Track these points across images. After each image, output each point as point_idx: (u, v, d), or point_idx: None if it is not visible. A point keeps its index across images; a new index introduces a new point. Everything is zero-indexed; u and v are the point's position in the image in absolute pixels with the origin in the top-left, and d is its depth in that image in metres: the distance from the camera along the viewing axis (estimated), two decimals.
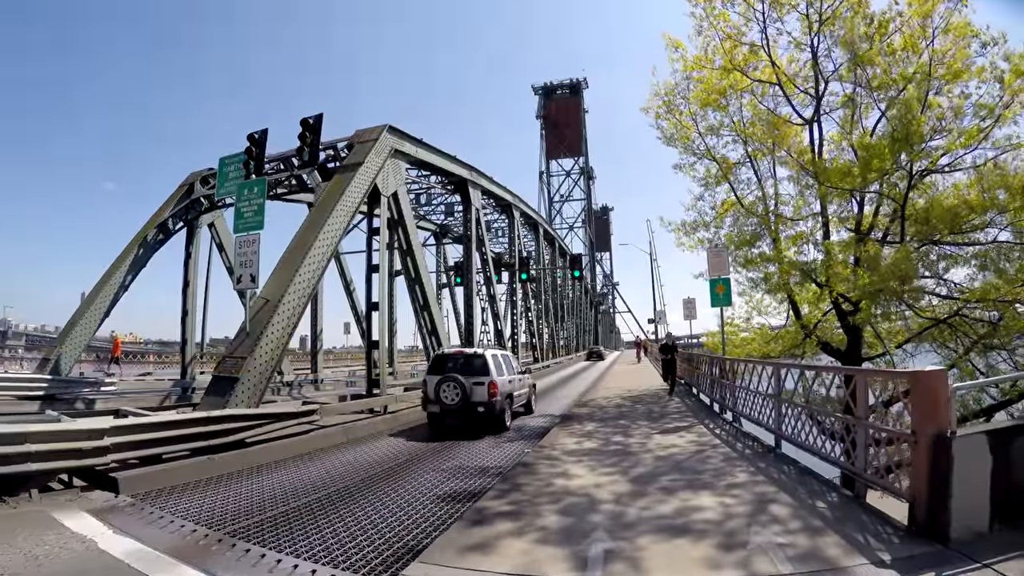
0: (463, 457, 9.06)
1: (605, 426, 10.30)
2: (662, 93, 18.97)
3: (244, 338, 11.65)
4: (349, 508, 6.22)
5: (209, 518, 5.92)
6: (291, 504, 6.44)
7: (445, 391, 11.50)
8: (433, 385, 11.70)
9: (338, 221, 13.65)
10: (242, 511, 6.17)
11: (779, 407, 7.75)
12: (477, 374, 11.61)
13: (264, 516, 5.98)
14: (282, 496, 6.83)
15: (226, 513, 6.10)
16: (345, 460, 9.16)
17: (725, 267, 12.05)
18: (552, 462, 7.47)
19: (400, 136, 17.12)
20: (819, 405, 7.30)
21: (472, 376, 11.55)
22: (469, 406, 11.39)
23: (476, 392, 11.42)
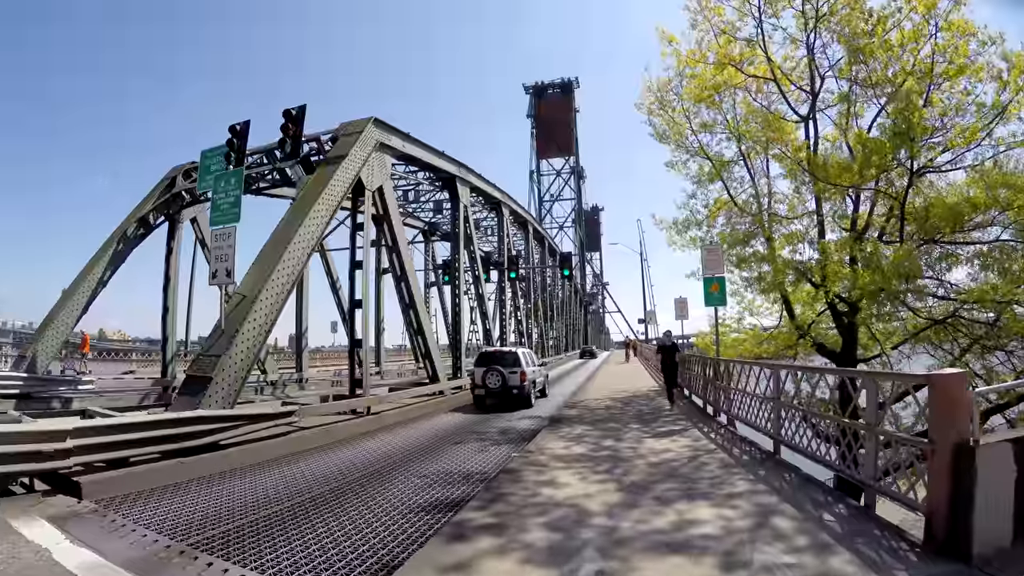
0: (446, 461, 8.61)
1: (595, 429, 9.90)
2: (655, 89, 18.65)
3: (219, 336, 11.14)
4: (323, 517, 5.78)
5: (174, 527, 5.51)
6: (263, 512, 6.01)
7: (489, 378, 15.40)
8: (480, 374, 15.58)
9: (320, 215, 13.15)
10: (210, 519, 5.75)
11: (778, 411, 7.37)
12: (512, 366, 15.42)
13: (232, 525, 5.57)
14: (254, 503, 6.40)
15: (193, 522, 5.67)
16: (324, 464, 8.74)
17: (720, 265, 11.68)
18: (539, 469, 7.05)
19: (386, 129, 16.63)
20: (821, 409, 6.93)
21: (508, 367, 15.34)
22: (507, 389, 15.16)
23: (511, 379, 15.22)
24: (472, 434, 11.40)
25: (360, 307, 14.57)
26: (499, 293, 30.02)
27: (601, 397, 15.29)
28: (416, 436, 11.49)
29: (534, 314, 39.73)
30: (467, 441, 10.50)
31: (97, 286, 18.67)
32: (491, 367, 15.56)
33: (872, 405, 5.27)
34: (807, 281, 14.46)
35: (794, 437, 6.92)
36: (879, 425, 5.21)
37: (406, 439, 11.08)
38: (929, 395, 4.48)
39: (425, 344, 17.58)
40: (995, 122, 11.21)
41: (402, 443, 10.61)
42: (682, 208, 18.66)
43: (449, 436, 11.35)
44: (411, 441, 10.85)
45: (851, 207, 15.55)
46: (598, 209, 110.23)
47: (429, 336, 17.64)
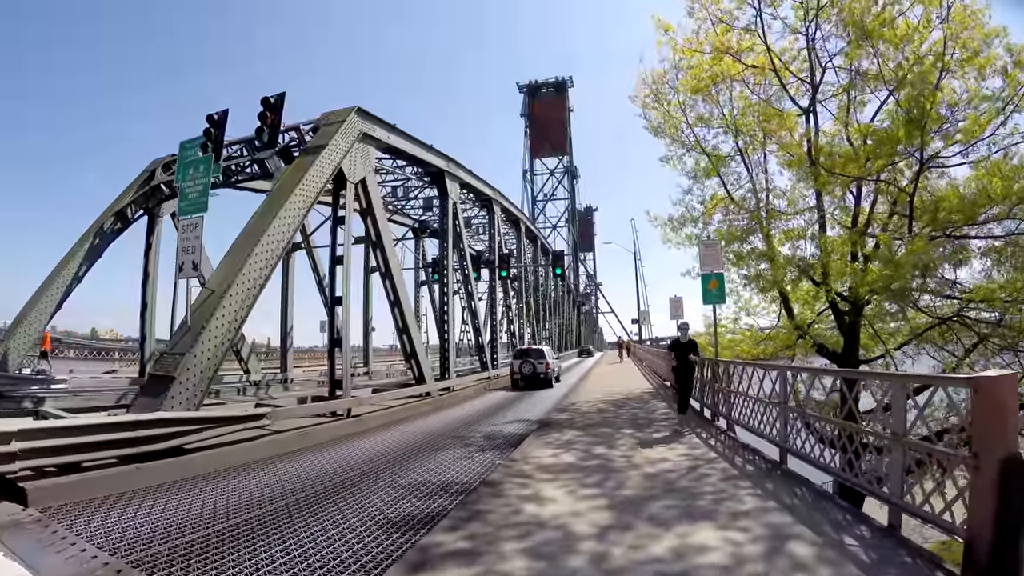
0: (425, 470, 7.93)
1: (586, 435, 9.23)
2: (650, 81, 18.09)
3: (184, 333, 10.44)
4: (281, 534, 5.14)
5: (119, 541, 4.98)
6: (216, 527, 5.40)
7: (524, 367, 21.18)
8: (516, 364, 21.48)
9: (297, 207, 12.44)
10: (159, 533, 5.20)
11: (785, 417, 6.73)
12: (539, 359, 21.49)
13: (181, 541, 4.98)
14: (209, 515, 5.79)
15: (140, 535, 5.13)
16: (294, 471, 8.12)
17: (719, 261, 11.04)
18: (523, 481, 6.37)
19: (370, 120, 15.92)
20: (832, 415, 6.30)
21: (536, 360, 21.37)
22: (536, 374, 21.04)
23: (539, 367, 21.10)
24: (456, 439, 10.77)
25: (340, 304, 13.87)
26: (490, 292, 29.32)
27: (593, 399, 14.63)
28: (397, 440, 10.88)
29: (526, 314, 39.06)
30: (450, 447, 9.84)
31: (72, 282, 18.07)
32: (525, 359, 21.61)
33: (900, 412, 4.64)
34: (808, 279, 13.86)
35: (804, 446, 6.28)
36: (907, 435, 4.58)
37: (386, 444, 10.46)
38: (972, 401, 3.84)
39: (411, 343, 16.87)
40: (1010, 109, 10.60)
41: (382, 448, 9.99)
42: (677, 204, 18.10)
43: (432, 441, 10.73)
44: (391, 446, 10.22)
45: (852, 202, 15.07)
46: (591, 209, 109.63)
47: (415, 335, 16.94)
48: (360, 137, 15.33)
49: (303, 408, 12.71)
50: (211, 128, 14.82)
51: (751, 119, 16.18)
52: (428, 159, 19.54)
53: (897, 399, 4.66)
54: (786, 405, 6.72)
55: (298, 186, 12.67)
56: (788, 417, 6.71)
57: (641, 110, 18.23)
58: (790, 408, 6.67)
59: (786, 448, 6.65)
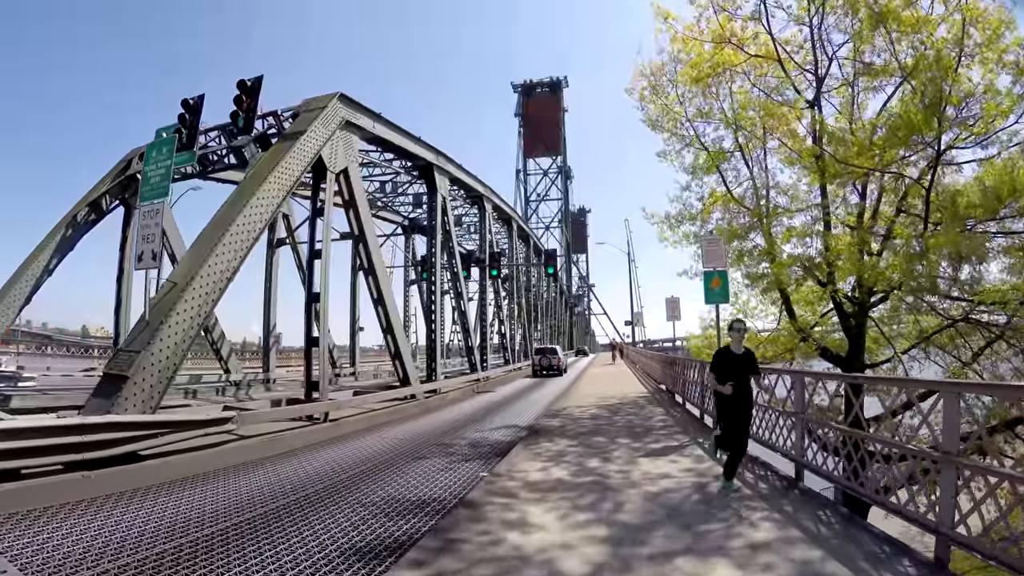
0: (401, 483, 7.15)
1: (578, 445, 8.44)
2: (648, 73, 17.40)
3: (142, 329, 9.59)
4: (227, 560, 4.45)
5: (44, 562, 4.40)
6: (157, 548, 4.75)
7: (542, 360, 29.45)
8: (537, 359, 30.00)
9: (270, 195, 11.61)
10: (92, 554, 4.56)
11: (802, 429, 5.99)
12: (553, 354, 30.20)
13: (116, 565, 4.33)
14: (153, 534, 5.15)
15: (71, 555, 4.53)
16: (257, 482, 7.40)
17: (722, 257, 10.31)
18: (507, 501, 5.58)
19: (354, 107, 15.11)
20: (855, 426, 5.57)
21: (552, 355, 29.83)
22: (551, 366, 28.96)
23: (553, 361, 29.26)
24: (439, 446, 10.03)
25: (318, 301, 13.04)
26: (481, 292, 28.54)
27: (586, 404, 13.84)
28: (376, 447, 10.15)
29: (517, 315, 38.28)
30: (431, 456, 9.10)
31: (42, 275, 17.14)
32: (544, 355, 30.51)
33: (952, 426, 3.91)
34: (813, 279, 13.18)
35: (826, 462, 5.53)
36: (961, 454, 3.85)
37: (364, 451, 9.73)
38: None
39: (395, 343, 16.04)
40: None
41: (357, 456, 9.26)
42: (675, 201, 17.43)
43: (413, 448, 9.99)
44: (368, 454, 9.48)
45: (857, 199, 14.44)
46: (585, 211, 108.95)
47: (399, 335, 16.11)
48: (343, 125, 14.52)
49: (275, 412, 11.87)
50: (186, 113, 14.02)
51: (752, 114, 15.55)
52: (416, 151, 18.73)
53: (949, 410, 3.93)
54: (803, 416, 5.97)
55: (272, 173, 11.86)
56: (805, 429, 5.98)
57: (638, 103, 17.56)
58: (808, 419, 5.93)
59: (803, 464, 5.91)
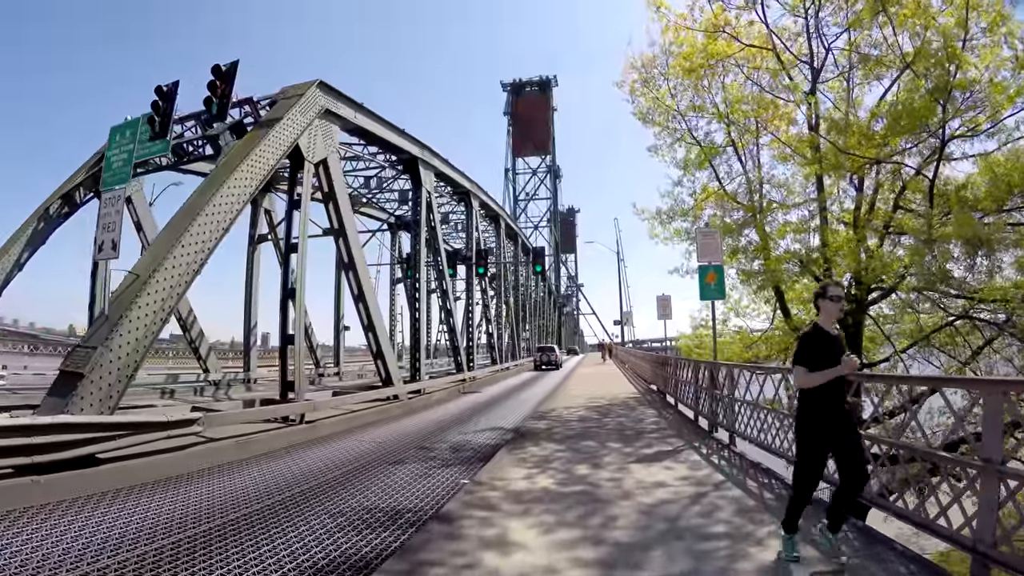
0: (375, 491, 6.58)
1: (566, 450, 7.88)
2: (638, 66, 16.98)
3: (101, 323, 8.93)
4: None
5: None
6: (98, 564, 4.26)
7: (543, 357, 35.59)
8: (538, 356, 36.40)
9: (242, 184, 10.97)
10: (32, 568, 4.16)
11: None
12: (551, 352, 36.97)
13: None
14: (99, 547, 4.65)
15: (8, 569, 4.18)
16: (221, 489, 6.87)
17: (718, 251, 9.79)
18: (486, 514, 5.02)
19: (334, 95, 14.47)
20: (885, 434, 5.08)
21: (550, 353, 36.52)
22: (550, 361, 34.89)
23: (552, 357, 35.52)
24: (420, 450, 9.48)
25: (294, 297, 12.42)
26: (468, 291, 27.93)
27: (575, 405, 13.30)
28: (354, 451, 9.57)
29: (505, 315, 37.73)
30: (410, 460, 8.54)
31: (13, 269, 16.35)
32: (544, 352, 36.64)
33: (994, 430, 3.41)
34: (811, 275, 12.75)
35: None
36: (1004, 462, 3.35)
37: (340, 455, 9.16)
38: None
39: (377, 342, 15.42)
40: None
41: (333, 460, 8.69)
42: (666, 197, 17.01)
43: (392, 452, 9.44)
44: (344, 458, 8.91)
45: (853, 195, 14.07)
46: (574, 211, 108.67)
47: (382, 333, 15.49)
48: (322, 113, 13.89)
49: (247, 413, 11.23)
50: (159, 101, 13.34)
51: (746, 108, 15.13)
52: (400, 144, 18.10)
53: (992, 413, 3.43)
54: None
55: (245, 161, 11.21)
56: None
57: (628, 96, 17.11)
58: None
59: None
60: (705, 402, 9.28)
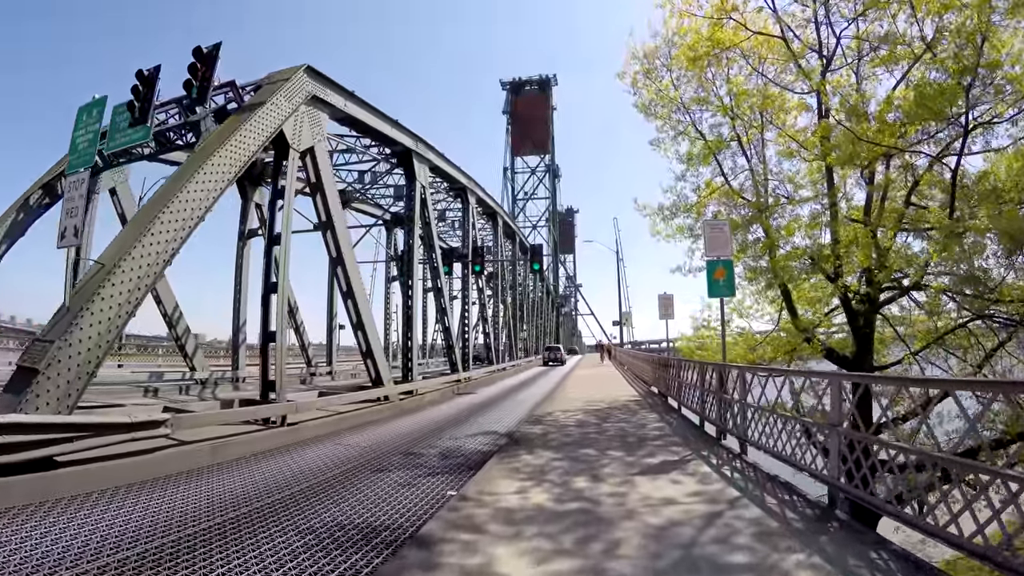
0: (352, 504, 5.98)
1: (563, 459, 7.21)
2: (641, 56, 16.34)
3: (62, 315, 8.28)
4: None
5: None
6: None
7: (549, 355, 44.32)
8: (546, 354, 45.36)
9: (220, 171, 10.31)
10: None
11: (838, 442, 4.84)
12: (557, 351, 46.73)
13: None
14: (36, 565, 4.21)
15: None
16: (189, 496, 6.37)
17: (727, 245, 9.12)
18: (470, 538, 4.36)
19: (323, 81, 13.81)
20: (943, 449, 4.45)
21: (556, 351, 46.26)
22: (556, 358, 43.34)
23: (557, 355, 44.53)
24: (407, 456, 8.88)
25: (276, 292, 11.76)
26: (464, 290, 27.26)
27: (573, 409, 12.64)
28: (336, 456, 8.96)
29: (503, 314, 37.09)
30: (395, 468, 7.94)
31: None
32: (551, 351, 45.47)
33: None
34: (822, 273, 12.13)
35: (873, 487, 4.39)
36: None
37: (320, 461, 8.56)
38: None
39: (367, 340, 14.76)
40: None
41: (311, 467, 8.11)
42: (668, 192, 16.37)
43: (377, 458, 8.84)
44: (324, 464, 8.30)
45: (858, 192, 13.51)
46: (573, 211, 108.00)
47: (371, 331, 14.83)
48: (309, 100, 13.25)
49: (224, 414, 10.58)
50: (140, 86, 12.69)
51: (752, 100, 14.54)
52: (393, 135, 17.43)
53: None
54: (840, 429, 4.83)
55: (224, 146, 10.57)
56: (841, 443, 4.83)
57: (630, 87, 16.49)
58: (849, 433, 4.77)
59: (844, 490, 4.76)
60: (712, 407, 8.62)
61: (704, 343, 16.66)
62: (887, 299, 12.33)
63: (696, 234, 15.59)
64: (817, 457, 5.25)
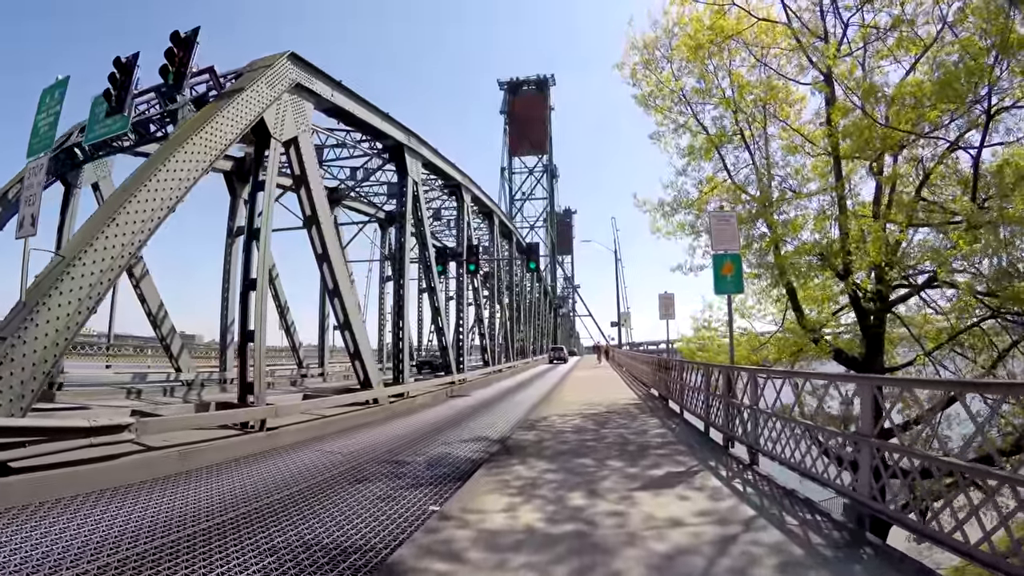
0: (318, 521, 5.38)
1: (558, 470, 6.56)
2: (640, 46, 15.80)
3: (17, 312, 7.65)
4: None
5: None
6: None
7: (553, 354, 56.07)
8: (550, 353, 56.90)
9: (193, 159, 9.68)
10: None
11: (870, 456, 4.23)
12: (560, 351, 59.34)
13: None
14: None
15: None
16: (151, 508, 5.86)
17: (735, 237, 8.48)
18: (448, 568, 3.73)
19: (307, 69, 13.18)
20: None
21: (560, 352, 58.30)
22: (559, 356, 55.17)
23: (561, 355, 56.74)
24: (390, 464, 8.30)
25: (254, 289, 11.12)
26: (458, 289, 26.62)
27: (570, 413, 11.99)
28: (314, 464, 8.35)
29: (499, 315, 36.45)
30: (376, 478, 7.36)
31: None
32: (556, 351, 57.86)
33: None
34: (832, 269, 11.53)
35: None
36: None
37: (297, 469, 7.97)
38: None
39: (354, 341, 14.13)
40: None
41: (287, 475, 7.53)
42: (668, 188, 15.84)
43: (358, 466, 8.27)
44: (301, 472, 7.72)
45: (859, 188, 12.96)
46: (571, 212, 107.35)
47: (359, 331, 14.20)
48: (293, 88, 12.62)
49: (198, 418, 9.99)
50: (117, 72, 12.09)
51: (758, 90, 14.02)
52: (384, 128, 16.78)
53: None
54: (873, 440, 4.21)
55: (199, 134, 9.94)
56: (874, 456, 4.21)
57: (629, 79, 15.93)
58: (889, 447, 4.15)
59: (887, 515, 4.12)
60: (719, 412, 7.99)
61: (705, 344, 16.10)
62: (899, 297, 11.76)
63: (697, 231, 15.05)
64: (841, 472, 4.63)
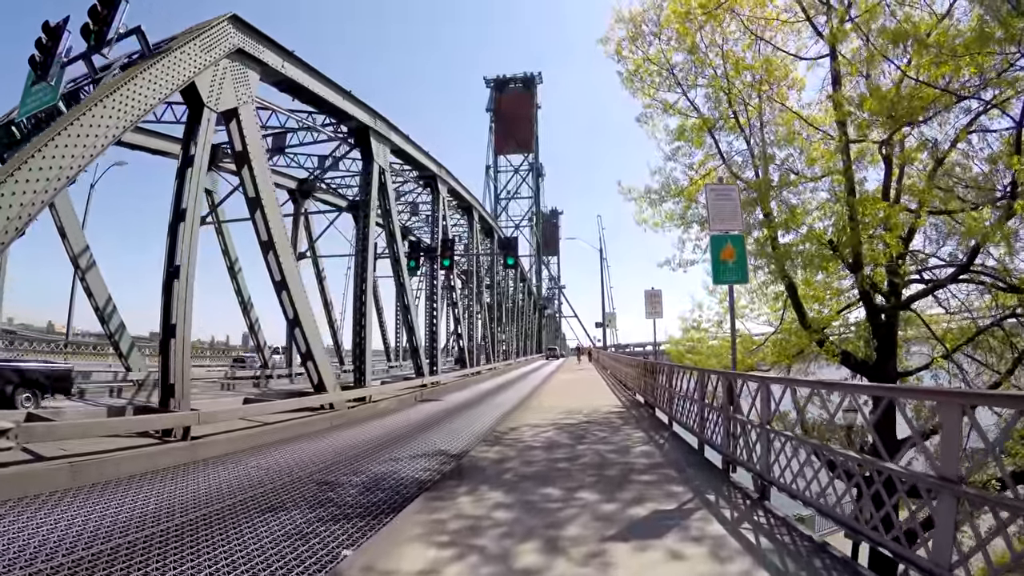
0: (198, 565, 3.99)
1: (513, 505, 5.02)
2: (626, 18, 14.51)
3: None
4: None
5: None
6: None
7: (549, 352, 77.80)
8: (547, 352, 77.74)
9: (101, 126, 8.17)
10: None
11: (954, 510, 2.85)
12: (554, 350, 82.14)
13: None
14: None
15: None
16: (10, 535, 4.79)
17: (736, 215, 7.04)
18: None
19: (253, 35, 11.68)
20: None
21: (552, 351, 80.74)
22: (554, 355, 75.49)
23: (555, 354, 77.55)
24: (319, 487, 6.94)
25: (177, 277, 9.57)
26: (431, 286, 25.12)
27: (544, 423, 10.51)
28: (231, 482, 7.07)
29: (479, 315, 34.96)
30: (293, 505, 6.06)
31: None
32: (550, 350, 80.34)
33: None
34: (843, 261, 10.24)
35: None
36: None
37: (207, 488, 6.72)
38: None
39: (306, 340, 12.64)
40: None
41: (191, 497, 6.29)
42: (656, 174, 14.50)
43: (281, 486, 6.95)
44: (211, 493, 6.48)
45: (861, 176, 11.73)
46: (557, 212, 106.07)
47: (310, 329, 12.70)
48: (234, 53, 11.12)
49: (108, 423, 8.50)
50: (44, 37, 10.64)
51: (755, 68, 12.76)
52: (345, 108, 15.27)
53: None
54: (963, 488, 2.83)
55: (111, 97, 8.43)
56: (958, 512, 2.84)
57: (614, 54, 14.60)
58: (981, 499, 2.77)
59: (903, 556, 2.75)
60: (717, 429, 6.57)
61: (695, 346, 14.82)
62: (917, 293, 10.52)
63: (688, 221, 13.76)
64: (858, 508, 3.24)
